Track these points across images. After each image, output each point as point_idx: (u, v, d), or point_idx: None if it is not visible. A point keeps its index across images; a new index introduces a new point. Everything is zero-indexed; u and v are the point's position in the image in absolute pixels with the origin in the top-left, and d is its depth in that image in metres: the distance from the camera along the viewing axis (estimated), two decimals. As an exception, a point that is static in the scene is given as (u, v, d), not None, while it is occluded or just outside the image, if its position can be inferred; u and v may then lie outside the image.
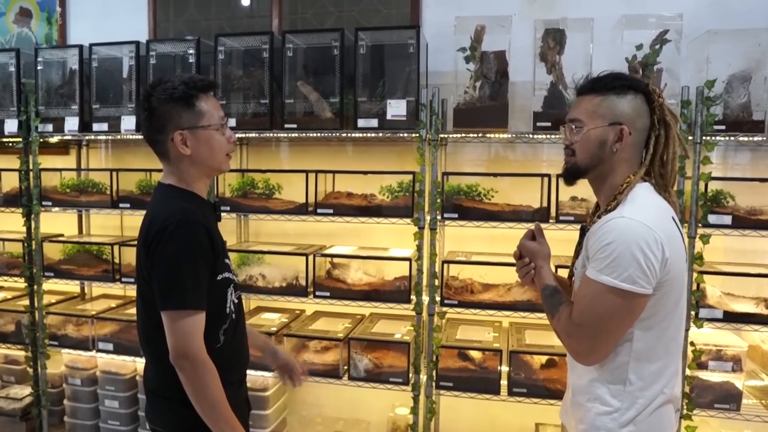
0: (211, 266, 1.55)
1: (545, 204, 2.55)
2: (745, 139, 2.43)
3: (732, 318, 2.42)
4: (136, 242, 1.63)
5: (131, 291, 3.32)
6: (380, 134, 2.67)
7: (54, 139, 3.21)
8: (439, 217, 2.61)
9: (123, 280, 3.03)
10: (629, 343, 1.39)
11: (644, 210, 1.36)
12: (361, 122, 2.63)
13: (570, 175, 1.52)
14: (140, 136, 2.94)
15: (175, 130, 1.55)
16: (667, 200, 1.45)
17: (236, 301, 1.70)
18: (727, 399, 2.43)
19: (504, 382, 2.62)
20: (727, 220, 2.39)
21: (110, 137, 3.09)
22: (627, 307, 1.34)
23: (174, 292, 1.47)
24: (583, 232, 1.55)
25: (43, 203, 3.13)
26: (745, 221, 2.39)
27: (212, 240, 1.54)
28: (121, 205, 3.03)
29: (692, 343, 2.40)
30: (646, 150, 1.46)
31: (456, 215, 2.60)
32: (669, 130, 1.43)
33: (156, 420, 1.65)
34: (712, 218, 2.38)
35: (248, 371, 1.97)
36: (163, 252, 1.48)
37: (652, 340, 1.39)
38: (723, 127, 2.36)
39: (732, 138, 2.41)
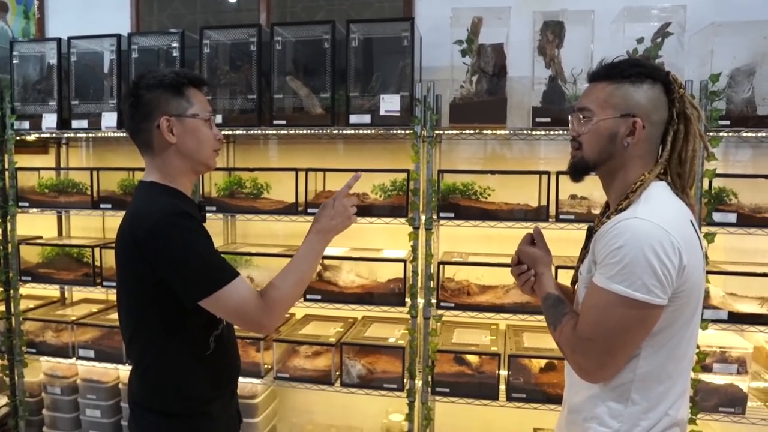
0: None
1: (544, 202, 2.47)
2: (749, 135, 2.37)
3: (737, 319, 2.35)
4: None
5: (114, 295, 3.18)
6: (373, 131, 2.57)
7: (32, 137, 3.07)
8: (434, 217, 2.52)
9: (104, 284, 2.90)
10: (635, 359, 1.25)
11: (660, 211, 1.23)
12: (354, 118, 2.53)
13: (576, 170, 1.39)
14: (122, 134, 2.84)
15: (162, 116, 1.47)
16: (685, 202, 1.32)
17: None
18: (732, 402, 2.37)
19: (502, 387, 2.53)
20: (732, 218, 2.32)
21: (90, 134, 2.96)
22: (640, 320, 1.20)
23: (203, 279, 1.37)
24: (590, 234, 1.41)
25: (20, 204, 3.00)
26: (751, 219, 2.33)
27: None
28: (102, 205, 2.90)
29: (696, 346, 2.32)
30: (663, 146, 1.32)
31: (452, 215, 2.50)
32: (689, 125, 1.30)
33: None
34: (716, 216, 2.32)
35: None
36: (170, 246, 1.37)
37: (661, 356, 1.25)
38: (727, 122, 2.29)
39: (736, 134, 2.35)
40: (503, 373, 2.54)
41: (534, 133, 2.49)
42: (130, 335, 1.51)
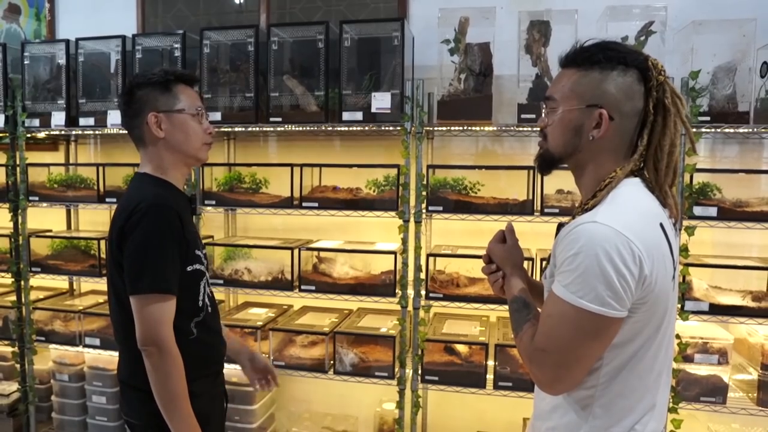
0: (182, 254, 1.54)
1: (530, 196, 2.54)
2: (731, 130, 2.42)
3: (718, 310, 2.40)
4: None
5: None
6: (365, 127, 2.66)
7: (42, 135, 3.21)
8: (424, 210, 2.60)
9: (110, 275, 3.02)
10: (597, 371, 1.18)
11: (623, 214, 1.13)
12: (346, 115, 2.62)
13: (542, 164, 1.30)
14: (126, 131, 2.96)
15: (150, 111, 1.58)
16: (660, 201, 1.22)
17: (210, 294, 1.70)
18: (714, 392, 2.42)
19: (490, 376, 2.60)
20: (713, 211, 2.37)
21: (97, 132, 3.09)
22: (596, 333, 1.12)
23: (144, 277, 1.47)
24: (559, 232, 1.28)
25: (31, 198, 3.13)
26: (731, 213, 2.38)
27: (183, 228, 1.54)
28: (107, 199, 3.02)
29: (678, 336, 2.38)
30: (640, 139, 1.21)
31: (441, 208, 2.58)
32: (668, 116, 1.18)
33: (128, 411, 1.65)
34: (697, 210, 2.37)
35: (236, 366, 1.98)
36: (133, 236, 1.48)
37: (624, 370, 1.17)
38: (708, 119, 2.34)
39: (717, 130, 2.40)
40: (491, 363, 2.61)
41: (520, 129, 2.56)
42: (116, 319, 1.61)
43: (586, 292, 1.09)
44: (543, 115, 1.30)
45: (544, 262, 1.35)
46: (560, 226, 1.29)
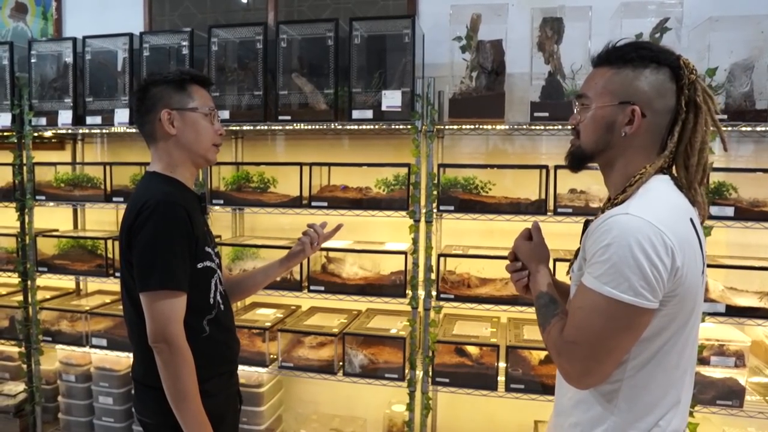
0: (192, 251, 1.53)
1: (543, 196, 2.50)
2: (747, 129, 2.38)
3: (735, 312, 2.36)
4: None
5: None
6: (375, 126, 2.63)
7: (49, 134, 3.19)
8: (435, 210, 2.57)
9: (116, 275, 3.00)
10: (623, 365, 1.18)
11: (655, 207, 1.14)
12: (356, 114, 2.59)
13: (574, 160, 1.32)
14: (134, 130, 2.94)
15: (164, 108, 1.58)
16: (689, 199, 1.23)
17: (223, 292, 1.68)
18: (730, 395, 2.37)
19: (501, 378, 2.57)
20: (730, 211, 2.33)
21: (104, 131, 3.06)
22: (628, 324, 1.12)
23: (153, 274, 1.46)
24: (586, 228, 1.30)
25: (37, 198, 3.11)
26: (748, 213, 2.34)
27: (192, 224, 1.53)
28: (114, 199, 3.00)
29: (696, 354, 2.34)
30: (671, 136, 1.22)
31: (452, 207, 2.55)
32: (699, 114, 1.20)
33: (142, 410, 1.63)
34: (714, 210, 2.33)
35: (243, 367, 1.95)
36: (142, 234, 1.47)
37: (651, 364, 1.17)
38: (725, 117, 2.30)
39: (734, 128, 2.36)
40: (503, 365, 2.57)
41: (533, 127, 2.52)
42: (129, 318, 1.59)
43: (618, 283, 1.10)
44: (575, 112, 1.31)
45: (572, 257, 1.35)
46: (587, 223, 1.30)
